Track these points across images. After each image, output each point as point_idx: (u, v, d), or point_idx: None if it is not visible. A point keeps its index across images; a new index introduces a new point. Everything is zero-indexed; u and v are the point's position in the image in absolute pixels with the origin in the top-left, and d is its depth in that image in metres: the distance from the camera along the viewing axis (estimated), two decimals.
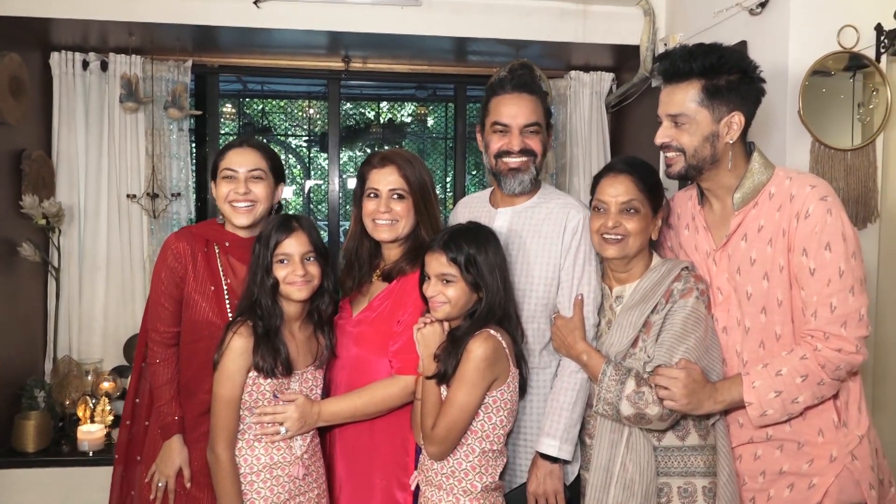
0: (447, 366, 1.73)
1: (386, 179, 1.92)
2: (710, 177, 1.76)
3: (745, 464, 1.78)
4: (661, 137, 1.76)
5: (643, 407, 1.69)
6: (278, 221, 1.87)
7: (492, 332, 1.75)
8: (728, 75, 1.69)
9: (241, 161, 1.98)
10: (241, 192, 1.96)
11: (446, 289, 1.77)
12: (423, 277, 1.82)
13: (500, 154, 1.96)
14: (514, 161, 1.94)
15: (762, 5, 2.41)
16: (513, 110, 1.94)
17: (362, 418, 1.90)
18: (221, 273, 1.98)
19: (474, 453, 1.76)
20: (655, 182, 1.84)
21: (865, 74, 2.29)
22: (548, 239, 1.94)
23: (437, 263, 1.77)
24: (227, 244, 2.00)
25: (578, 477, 1.91)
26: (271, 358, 1.79)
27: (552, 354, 1.95)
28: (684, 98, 1.71)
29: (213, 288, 1.95)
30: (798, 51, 2.28)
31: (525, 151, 1.94)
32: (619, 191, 1.80)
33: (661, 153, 1.81)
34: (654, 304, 1.76)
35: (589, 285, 1.91)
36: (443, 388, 1.77)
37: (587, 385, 1.86)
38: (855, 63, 2.28)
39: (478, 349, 1.71)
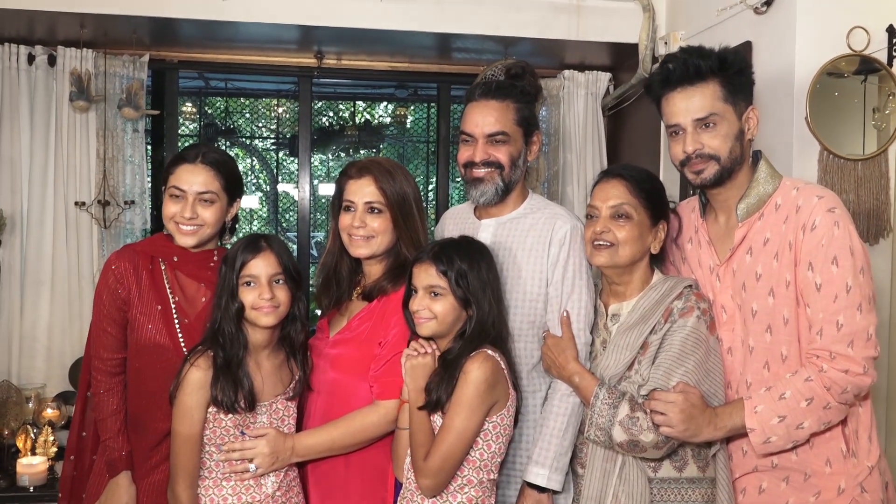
0: (440, 392, 1.76)
1: (362, 191, 1.97)
2: (733, 181, 1.82)
3: (749, 498, 1.82)
4: (691, 145, 1.79)
5: (637, 433, 1.72)
6: (246, 241, 1.89)
7: (489, 352, 1.79)
8: (737, 70, 1.79)
9: (191, 180, 1.98)
10: (187, 216, 1.98)
11: (434, 303, 1.80)
12: (409, 293, 1.86)
13: (466, 164, 2.05)
14: (477, 172, 2.03)
15: (767, 4, 2.52)
16: (477, 119, 2.03)
17: (341, 451, 1.92)
18: (168, 290, 2.00)
19: (471, 485, 1.78)
20: (653, 188, 1.90)
21: (880, 77, 2.37)
22: (533, 251, 2.01)
23: (426, 275, 1.81)
24: (174, 259, 2.02)
25: None
26: (231, 391, 1.80)
27: (542, 376, 2.01)
28: (710, 97, 1.77)
29: (159, 307, 1.97)
30: (805, 53, 2.37)
31: (488, 163, 2.02)
32: (609, 194, 1.86)
33: (682, 166, 1.83)
34: (653, 324, 1.81)
35: (580, 301, 1.96)
36: (435, 417, 1.80)
37: (579, 410, 1.91)
38: (866, 67, 2.37)
39: (476, 371, 1.74)
